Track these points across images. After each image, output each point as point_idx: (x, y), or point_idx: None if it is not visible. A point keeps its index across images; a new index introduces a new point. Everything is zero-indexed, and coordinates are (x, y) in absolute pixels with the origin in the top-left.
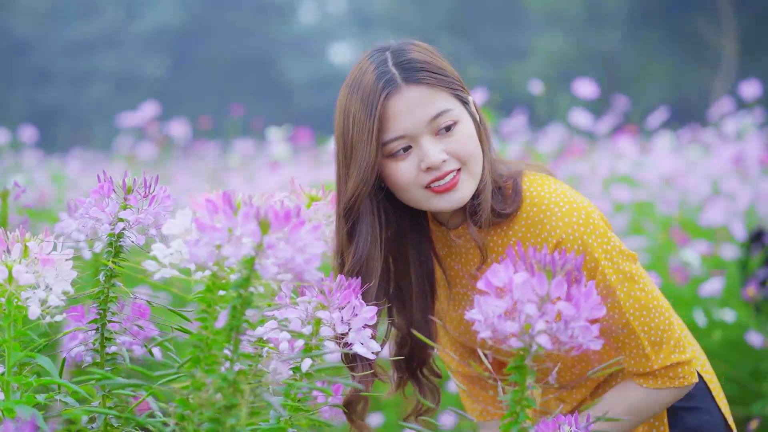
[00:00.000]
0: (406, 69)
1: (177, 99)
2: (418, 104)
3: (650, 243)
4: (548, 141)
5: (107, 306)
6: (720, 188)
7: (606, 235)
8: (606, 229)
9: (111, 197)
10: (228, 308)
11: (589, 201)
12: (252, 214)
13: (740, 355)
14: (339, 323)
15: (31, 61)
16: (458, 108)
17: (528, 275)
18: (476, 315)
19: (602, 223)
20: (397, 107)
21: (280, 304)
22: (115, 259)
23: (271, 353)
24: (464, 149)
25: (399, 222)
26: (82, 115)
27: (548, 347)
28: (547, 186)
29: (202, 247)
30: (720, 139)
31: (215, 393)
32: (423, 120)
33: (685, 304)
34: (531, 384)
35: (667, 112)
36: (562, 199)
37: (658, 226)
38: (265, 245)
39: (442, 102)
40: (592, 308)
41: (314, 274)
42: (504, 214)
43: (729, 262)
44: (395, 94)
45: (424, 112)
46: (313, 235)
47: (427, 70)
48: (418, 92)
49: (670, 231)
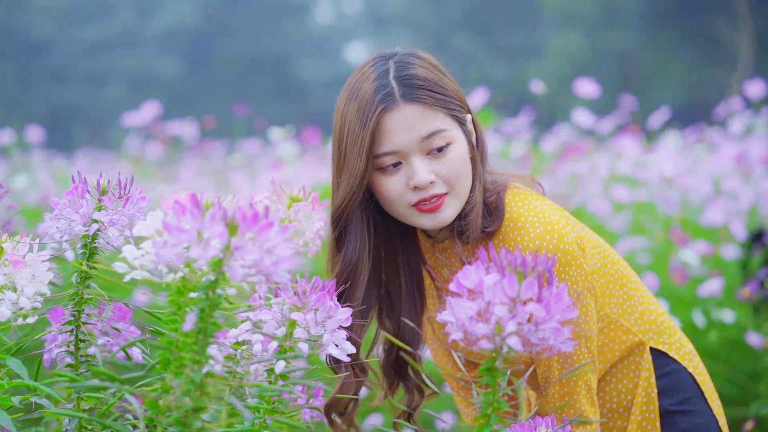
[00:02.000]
0: (406, 85)
1: (192, 99)
2: (412, 123)
3: (650, 243)
4: (553, 141)
5: (81, 308)
6: (722, 188)
7: (571, 263)
8: (573, 256)
9: (85, 198)
10: (196, 310)
11: (568, 221)
12: (219, 215)
13: (740, 356)
14: (313, 325)
15: (48, 61)
16: (453, 129)
17: (499, 277)
18: (448, 317)
19: (574, 248)
20: (392, 123)
21: (254, 305)
22: (89, 261)
23: (246, 356)
24: (453, 172)
25: (389, 230)
26: (98, 115)
27: (519, 349)
28: (527, 203)
29: (168, 248)
30: (726, 138)
31: (183, 396)
32: (416, 139)
33: (685, 305)
34: (525, 383)
35: (669, 111)
36: (539, 219)
37: (658, 226)
38: (232, 247)
39: (437, 122)
40: (564, 310)
41: (283, 276)
42: (488, 231)
43: (730, 262)
44: (391, 110)
45: (417, 131)
46: (282, 237)
47: (427, 88)
48: (415, 110)
49: (669, 231)
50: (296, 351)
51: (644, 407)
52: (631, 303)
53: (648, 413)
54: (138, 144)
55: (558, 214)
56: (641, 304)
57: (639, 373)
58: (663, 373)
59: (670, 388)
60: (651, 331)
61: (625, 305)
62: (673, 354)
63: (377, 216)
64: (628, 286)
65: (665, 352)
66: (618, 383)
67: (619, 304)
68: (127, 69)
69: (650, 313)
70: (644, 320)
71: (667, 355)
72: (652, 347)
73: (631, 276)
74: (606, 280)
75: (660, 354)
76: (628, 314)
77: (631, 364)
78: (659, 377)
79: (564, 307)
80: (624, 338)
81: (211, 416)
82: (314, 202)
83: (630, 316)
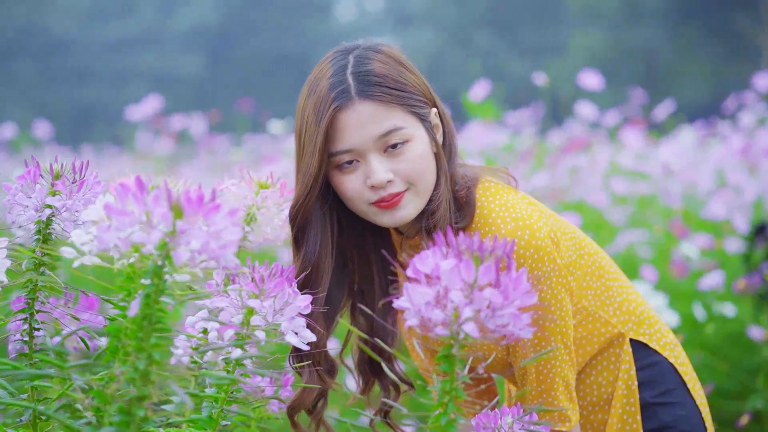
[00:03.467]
0: (362, 82)
1: (214, 96)
2: (367, 121)
3: (651, 236)
4: (560, 134)
5: (35, 295)
6: (727, 181)
7: (543, 259)
8: (546, 251)
9: (38, 183)
10: (140, 296)
11: (541, 215)
12: (163, 198)
13: (741, 351)
14: (271, 312)
15: (71, 59)
16: (412, 126)
17: (456, 261)
18: (404, 303)
19: (547, 242)
20: (347, 121)
21: (210, 292)
22: (43, 247)
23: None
24: (412, 170)
25: (358, 226)
26: (120, 113)
27: (475, 335)
28: (498, 198)
29: (111, 232)
30: (736, 131)
31: (127, 384)
32: (371, 137)
33: (685, 298)
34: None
35: (674, 104)
36: (510, 215)
37: (660, 219)
38: (177, 230)
39: (393, 120)
40: (523, 296)
41: (231, 260)
42: (458, 227)
43: (733, 255)
44: (346, 108)
45: (373, 129)
46: (229, 221)
47: (384, 85)
48: (370, 108)
49: (669, 224)
50: (253, 339)
51: (624, 400)
52: (609, 294)
53: (629, 406)
54: (148, 139)
55: (530, 208)
56: (620, 295)
57: (619, 366)
58: (644, 365)
59: (651, 380)
60: (630, 321)
61: (602, 296)
62: (654, 345)
63: (344, 213)
64: (605, 277)
65: (646, 343)
66: (597, 376)
67: (596, 296)
68: (150, 67)
69: (629, 303)
70: (623, 311)
71: (647, 347)
72: (632, 339)
73: (609, 267)
74: (582, 272)
75: (641, 345)
76: (606, 306)
77: (610, 356)
78: (640, 369)
79: (523, 292)
80: (603, 330)
81: (175, 407)
82: (282, 188)
83: (608, 307)
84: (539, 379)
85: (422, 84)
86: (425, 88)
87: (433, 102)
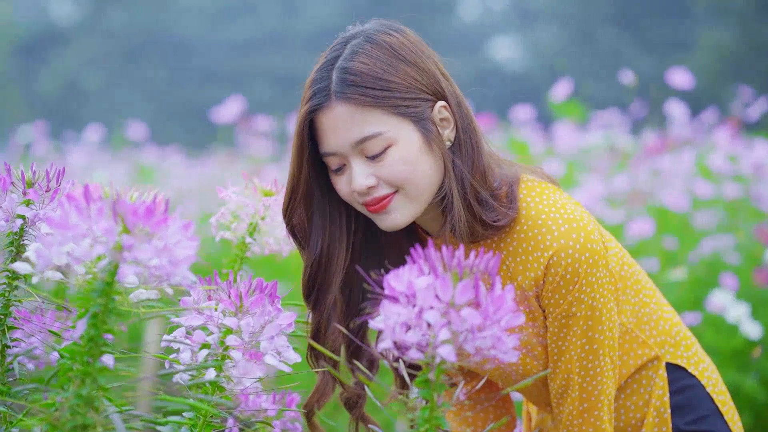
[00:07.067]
0: (341, 80)
1: None
2: (343, 125)
3: (738, 242)
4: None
5: (8, 311)
6: None
7: (598, 264)
8: (600, 255)
9: (9, 191)
10: (86, 316)
11: (588, 215)
12: (107, 209)
13: None
14: (248, 331)
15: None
16: (395, 128)
17: (432, 279)
18: (379, 323)
19: (601, 246)
20: (326, 122)
21: (184, 309)
22: (15, 260)
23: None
24: (395, 175)
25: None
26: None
27: (451, 359)
28: (546, 198)
29: (53, 247)
30: None
31: (69, 412)
32: (347, 143)
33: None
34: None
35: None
36: (561, 215)
37: (749, 224)
38: (123, 245)
39: (369, 126)
40: (506, 316)
41: (185, 278)
42: (495, 226)
43: None
44: (323, 108)
45: (349, 135)
46: (183, 234)
47: (362, 85)
48: (345, 111)
49: (756, 229)
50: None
51: (656, 429)
52: (645, 311)
53: None
54: (250, 142)
55: (579, 209)
56: (655, 312)
57: (652, 390)
58: (678, 388)
59: (685, 405)
60: (667, 344)
61: (639, 313)
62: (692, 370)
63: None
64: (643, 293)
65: (683, 367)
66: (627, 399)
67: (634, 312)
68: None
69: (665, 322)
70: (659, 330)
71: (684, 370)
72: (668, 362)
73: (646, 282)
74: (623, 284)
75: (676, 368)
76: (642, 324)
77: (642, 379)
78: (674, 393)
79: (507, 312)
80: (639, 352)
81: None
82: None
83: (645, 326)
84: (582, 397)
85: (425, 77)
86: (429, 82)
87: (440, 95)
